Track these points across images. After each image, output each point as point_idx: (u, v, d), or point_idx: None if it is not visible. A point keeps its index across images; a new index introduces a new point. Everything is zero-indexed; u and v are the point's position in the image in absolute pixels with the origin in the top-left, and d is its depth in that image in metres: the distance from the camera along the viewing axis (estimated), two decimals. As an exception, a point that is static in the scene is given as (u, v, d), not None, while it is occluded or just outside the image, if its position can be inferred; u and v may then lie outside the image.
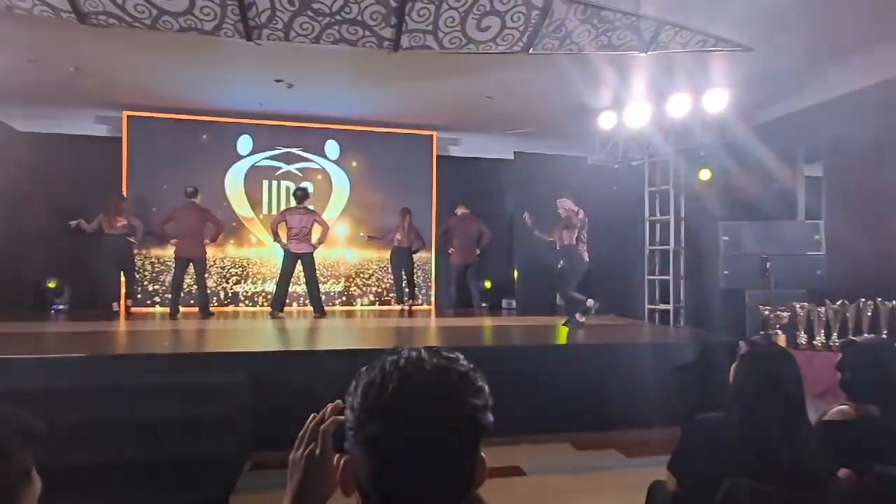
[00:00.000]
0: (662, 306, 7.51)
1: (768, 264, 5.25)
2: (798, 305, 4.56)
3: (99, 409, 3.69)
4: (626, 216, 7.63)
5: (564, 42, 4.71)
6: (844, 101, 5.53)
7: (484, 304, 8.41)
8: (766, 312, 4.66)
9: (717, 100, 5.88)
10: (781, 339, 4.51)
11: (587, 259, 6.17)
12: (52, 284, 7.33)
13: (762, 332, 4.86)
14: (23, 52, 5.59)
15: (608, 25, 4.52)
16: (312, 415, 0.91)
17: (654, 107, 6.48)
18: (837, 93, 5.49)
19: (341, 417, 0.82)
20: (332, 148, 8.47)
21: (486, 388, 0.76)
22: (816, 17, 4.36)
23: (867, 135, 6.18)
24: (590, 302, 6.21)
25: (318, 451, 0.86)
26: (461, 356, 0.79)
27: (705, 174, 6.67)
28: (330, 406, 0.89)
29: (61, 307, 7.33)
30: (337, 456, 0.81)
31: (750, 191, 6.61)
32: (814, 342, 4.43)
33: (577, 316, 6.20)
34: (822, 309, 4.41)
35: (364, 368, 0.79)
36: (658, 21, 4.49)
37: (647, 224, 7.57)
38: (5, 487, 0.79)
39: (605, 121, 6.98)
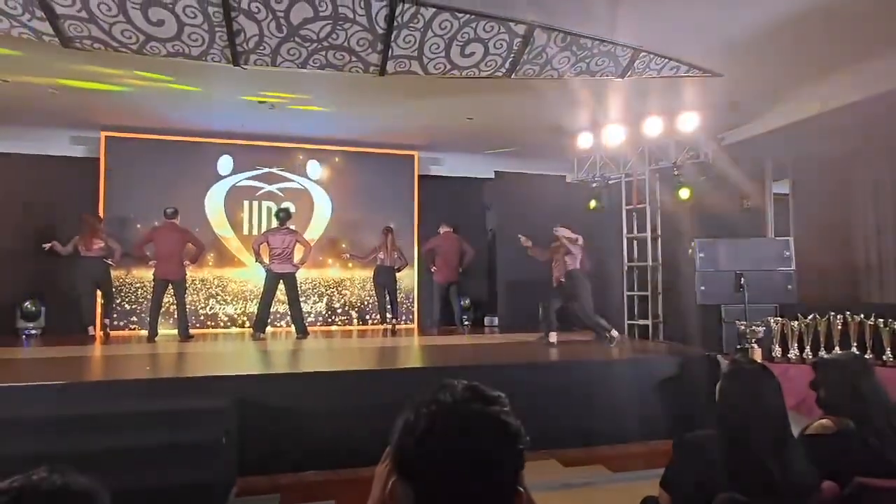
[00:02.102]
0: (642, 321, 7.64)
1: (743, 280, 5.41)
2: (772, 320, 4.71)
3: (79, 438, 3.59)
4: (605, 233, 7.78)
5: (545, 68, 4.84)
6: (808, 123, 5.80)
7: (466, 322, 8.44)
8: (742, 327, 4.80)
9: (690, 121, 6.10)
10: (757, 353, 4.64)
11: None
12: (30, 306, 7.11)
13: (738, 346, 5.00)
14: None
15: (586, 52, 4.67)
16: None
17: (629, 128, 6.67)
18: (802, 115, 5.75)
19: None
20: (313, 168, 8.47)
21: (522, 430, 0.80)
22: (781, 46, 4.59)
23: (831, 154, 6.47)
24: (615, 332, 6.39)
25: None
26: (501, 396, 0.82)
27: (684, 193, 6.86)
28: None
29: (33, 332, 7.11)
30: (392, 479, 0.84)
31: (722, 208, 6.84)
32: (788, 355, 4.57)
33: (551, 337, 6.30)
34: (795, 323, 4.56)
35: (408, 403, 0.82)
36: (633, 48, 4.66)
37: (626, 241, 7.73)
38: None
39: (583, 141, 7.15)
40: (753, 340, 4.69)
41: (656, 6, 4.09)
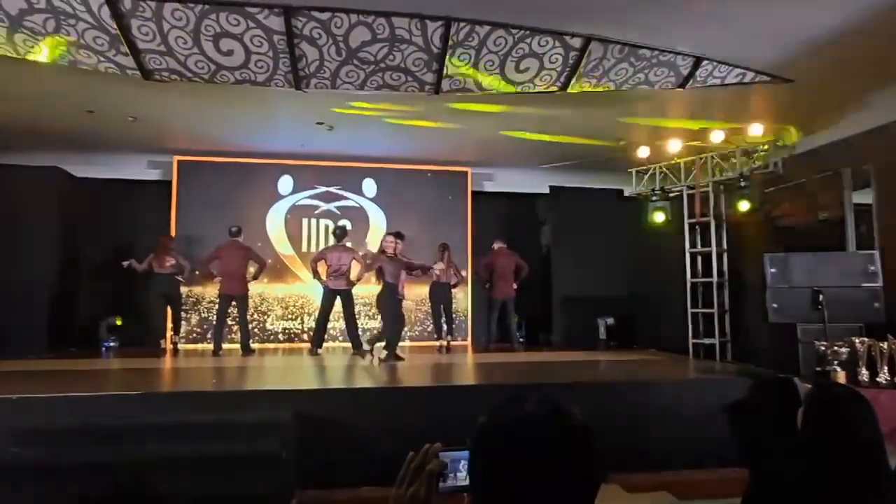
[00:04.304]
0: (707, 340, 7.29)
1: (821, 297, 5.06)
2: (857, 340, 4.36)
3: (145, 446, 3.77)
4: (666, 248, 7.51)
5: (601, 80, 4.77)
6: (892, 128, 5.40)
7: (521, 339, 8.32)
8: (823, 348, 4.48)
9: (757, 129, 5.82)
10: (840, 376, 4.31)
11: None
12: (118, 321, 7.62)
13: (818, 369, 4.66)
14: (83, 103, 6.00)
15: (645, 63, 4.57)
16: (411, 453, 0.93)
17: (691, 138, 6.45)
18: (885, 119, 5.37)
19: (444, 460, 0.88)
20: (369, 186, 8.68)
21: (599, 447, 0.81)
22: (857, 47, 4.32)
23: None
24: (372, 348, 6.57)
25: (423, 490, 0.89)
26: (577, 411, 0.83)
27: (744, 205, 6.56)
28: (430, 447, 0.92)
29: (112, 344, 7.60)
30: (466, 498, 0.86)
31: (795, 220, 6.45)
32: (877, 379, 4.21)
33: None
34: (885, 344, 4.21)
35: (484, 420, 0.83)
36: (695, 56, 4.53)
37: (689, 256, 7.43)
38: None
39: (642, 153, 6.97)
40: (836, 362, 4.37)
41: (720, 12, 3.96)
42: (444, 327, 7.89)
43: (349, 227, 7.92)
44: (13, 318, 6.67)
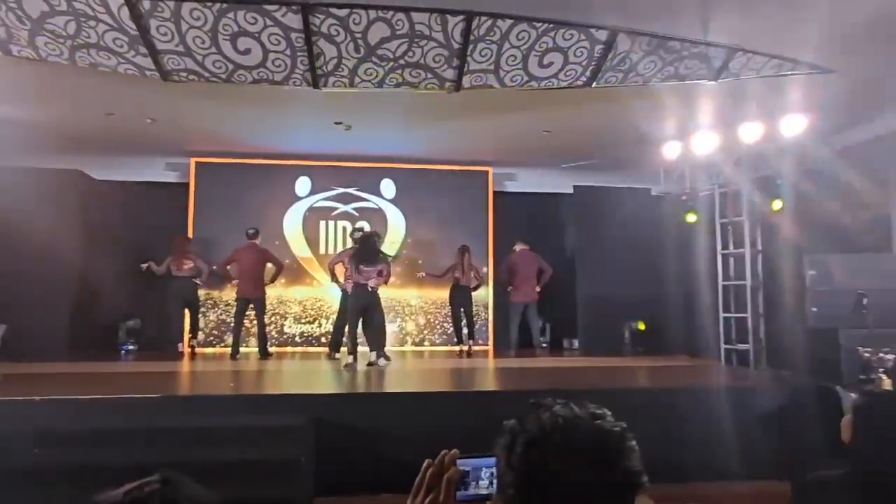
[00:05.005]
0: (740, 346, 7.14)
1: (865, 300, 4.91)
2: (905, 346, 4.22)
3: (163, 449, 3.83)
4: (696, 250, 7.38)
5: (629, 74, 4.71)
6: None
7: (545, 344, 8.25)
8: (867, 355, 4.34)
9: (794, 124, 5.66)
10: (887, 384, 4.17)
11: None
12: (136, 325, 7.78)
13: (863, 377, 4.52)
14: (103, 106, 6.14)
15: (675, 56, 4.49)
16: (427, 461, 0.92)
17: (723, 134, 6.31)
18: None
19: (462, 468, 0.87)
20: (387, 186, 8.71)
21: (637, 448, 0.81)
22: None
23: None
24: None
25: (441, 498, 0.88)
26: (608, 413, 0.83)
27: (780, 204, 6.40)
28: (447, 454, 0.91)
29: (131, 347, 7.75)
30: None
31: (836, 220, 6.26)
32: (928, 388, 4.06)
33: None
34: (936, 350, 4.06)
35: (514, 423, 0.83)
36: (729, 47, 4.43)
37: (721, 258, 7.29)
38: None
39: (670, 151, 6.85)
40: (881, 370, 4.22)
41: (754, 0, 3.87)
42: (465, 331, 7.87)
43: (367, 228, 7.93)
44: (35, 321, 6.85)
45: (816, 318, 5.39)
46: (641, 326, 7.99)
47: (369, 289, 6.24)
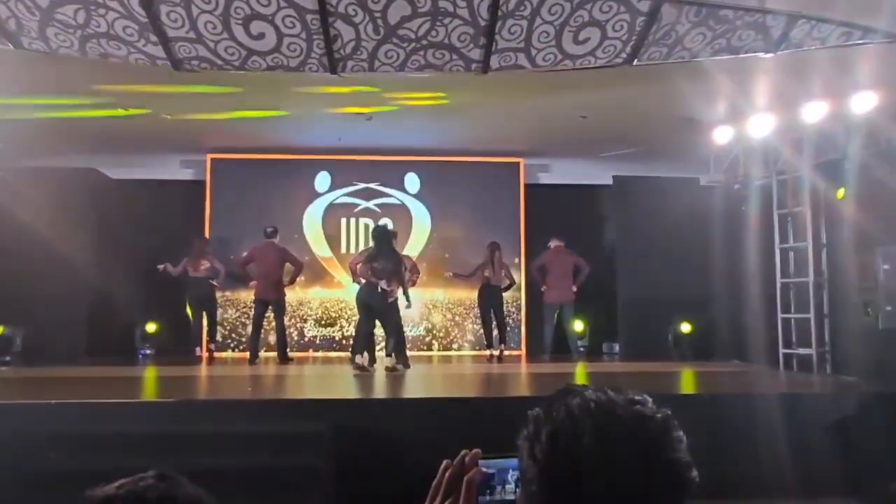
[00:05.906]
0: (802, 350, 6.82)
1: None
2: None
3: (178, 456, 3.80)
4: (751, 244, 7.06)
5: (674, 49, 4.47)
6: None
7: (582, 349, 8.03)
8: (955, 359, 4.00)
9: (864, 101, 5.33)
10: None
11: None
12: (151, 329, 7.84)
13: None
14: (119, 103, 6.20)
15: (727, 26, 4.24)
16: (445, 462, 0.86)
17: (781, 115, 6.01)
18: None
19: (486, 469, 0.82)
20: (411, 181, 8.59)
21: (685, 439, 0.72)
22: None
23: None
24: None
25: (461, 502, 0.82)
26: (649, 399, 0.75)
27: (843, 191, 6.08)
28: (468, 453, 0.85)
29: (148, 351, 7.82)
30: None
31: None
32: None
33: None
34: None
35: (538, 411, 0.75)
36: (789, 14, 4.16)
37: (779, 253, 6.96)
38: None
39: (721, 135, 6.59)
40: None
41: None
42: (496, 334, 7.70)
43: (390, 226, 7.83)
44: (52, 324, 6.97)
45: (889, 317, 5.08)
46: (688, 329, 7.72)
47: (379, 290, 6.16)
